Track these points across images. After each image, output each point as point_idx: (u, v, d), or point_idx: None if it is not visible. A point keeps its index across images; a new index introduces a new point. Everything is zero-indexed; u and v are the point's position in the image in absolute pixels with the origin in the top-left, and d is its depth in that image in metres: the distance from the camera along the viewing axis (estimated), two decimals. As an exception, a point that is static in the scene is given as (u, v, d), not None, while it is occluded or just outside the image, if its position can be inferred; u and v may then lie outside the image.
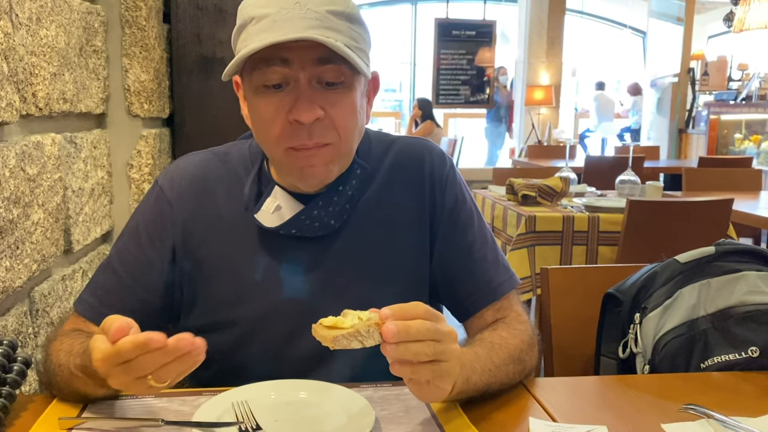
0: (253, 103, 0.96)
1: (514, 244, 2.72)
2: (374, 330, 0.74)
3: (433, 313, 0.78)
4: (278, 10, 0.89)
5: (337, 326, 0.76)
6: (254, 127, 0.99)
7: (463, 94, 8.25)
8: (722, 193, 3.19)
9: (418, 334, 0.74)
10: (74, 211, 1.43)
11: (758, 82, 7.42)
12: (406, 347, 0.74)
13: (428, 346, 0.75)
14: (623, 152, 5.44)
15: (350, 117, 0.96)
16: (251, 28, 0.91)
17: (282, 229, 1.00)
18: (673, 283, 1.15)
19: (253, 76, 0.93)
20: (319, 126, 0.93)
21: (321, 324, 0.77)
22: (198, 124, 1.96)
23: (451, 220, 1.08)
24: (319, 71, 0.92)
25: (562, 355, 1.35)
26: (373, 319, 0.76)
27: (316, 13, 0.89)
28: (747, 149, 6.95)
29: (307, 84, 0.92)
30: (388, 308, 0.76)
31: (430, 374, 0.77)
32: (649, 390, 1.00)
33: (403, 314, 0.75)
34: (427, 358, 0.75)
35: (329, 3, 0.91)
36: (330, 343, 0.75)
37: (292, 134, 0.93)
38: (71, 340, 0.95)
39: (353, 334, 0.74)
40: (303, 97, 0.91)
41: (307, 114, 0.91)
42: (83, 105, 1.50)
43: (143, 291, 1.02)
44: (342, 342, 0.74)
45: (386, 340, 0.73)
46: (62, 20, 1.35)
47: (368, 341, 0.74)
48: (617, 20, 12.61)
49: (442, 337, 0.77)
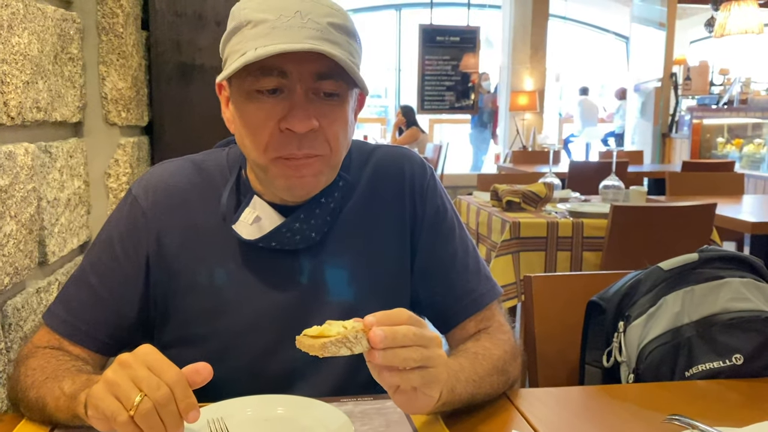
0: (242, 107, 0.92)
1: (499, 250, 2.72)
2: (362, 336, 0.74)
3: (416, 319, 0.77)
4: (278, 17, 0.86)
5: (323, 335, 0.74)
6: (239, 132, 0.95)
7: (448, 100, 8.28)
8: (705, 197, 3.21)
9: (404, 339, 0.74)
10: (49, 222, 1.40)
11: (739, 86, 7.50)
12: (394, 353, 0.73)
13: (416, 352, 0.74)
14: (607, 157, 5.47)
15: (342, 130, 0.94)
16: (247, 31, 0.88)
17: (261, 242, 0.97)
18: (657, 291, 1.14)
19: (246, 81, 0.90)
20: (311, 137, 0.90)
21: (305, 335, 0.76)
22: (178, 132, 1.94)
23: (432, 231, 1.06)
24: (317, 85, 0.90)
25: (547, 363, 1.34)
26: (357, 328, 0.75)
27: (317, 24, 0.87)
28: (729, 153, 7.01)
29: (303, 94, 0.89)
30: (372, 315, 0.75)
31: (418, 380, 0.76)
32: (634, 400, 0.99)
33: (389, 320, 0.75)
34: (414, 363, 0.75)
35: (330, 15, 0.89)
36: (319, 351, 0.73)
37: (282, 143, 0.90)
38: (55, 362, 0.91)
39: (341, 340, 0.73)
40: (298, 107, 0.89)
41: (302, 124, 0.88)
42: (58, 113, 1.47)
43: (119, 304, 0.99)
44: (331, 349, 0.73)
45: (374, 345, 0.73)
46: (35, 27, 1.33)
47: (357, 347, 0.74)
48: (600, 25, 12.73)
49: (428, 342, 0.76)
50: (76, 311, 0.98)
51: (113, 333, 0.98)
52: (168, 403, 0.70)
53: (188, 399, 0.71)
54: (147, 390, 0.70)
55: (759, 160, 6.53)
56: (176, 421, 0.71)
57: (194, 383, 0.73)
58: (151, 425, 0.70)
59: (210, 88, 1.04)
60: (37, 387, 0.87)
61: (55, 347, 0.97)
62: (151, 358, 0.73)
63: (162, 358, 0.73)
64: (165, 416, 0.70)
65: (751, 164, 6.59)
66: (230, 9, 0.96)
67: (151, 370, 0.72)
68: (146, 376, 0.71)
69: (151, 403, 0.70)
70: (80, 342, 0.97)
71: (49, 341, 0.98)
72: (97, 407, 0.72)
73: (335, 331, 0.74)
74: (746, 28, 5.83)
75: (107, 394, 0.72)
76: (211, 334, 0.99)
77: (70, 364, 0.92)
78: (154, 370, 0.72)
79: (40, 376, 0.89)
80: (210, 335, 0.99)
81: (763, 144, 6.58)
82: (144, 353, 0.74)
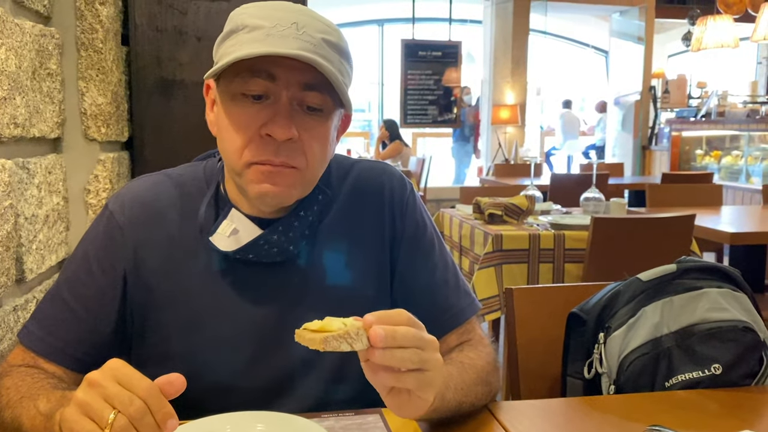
0: (226, 108, 0.92)
1: (482, 262, 2.72)
2: (363, 333, 0.74)
3: (415, 321, 0.77)
4: (274, 25, 0.87)
5: (324, 329, 0.74)
6: (220, 133, 0.95)
7: (430, 114, 8.33)
8: (685, 209, 3.24)
9: (404, 340, 0.74)
10: (27, 239, 1.38)
11: (717, 99, 7.61)
12: (392, 353, 0.73)
13: (414, 353, 0.74)
14: (588, 170, 5.51)
15: (321, 145, 0.94)
16: (242, 35, 0.89)
17: (238, 254, 0.96)
18: (636, 302, 1.15)
19: (234, 82, 0.90)
20: (290, 147, 0.91)
21: (306, 329, 0.76)
22: (158, 147, 1.93)
23: (412, 246, 1.06)
24: (303, 95, 0.91)
25: (529, 375, 1.34)
26: (357, 326, 0.75)
27: (311, 38, 0.88)
28: (708, 165, 7.11)
29: (288, 102, 0.90)
30: (372, 314, 0.75)
31: (413, 383, 0.76)
32: (615, 411, 1.00)
33: (389, 320, 0.75)
34: (412, 365, 0.75)
35: (325, 33, 0.90)
36: (320, 344, 0.73)
37: (260, 148, 0.90)
38: (30, 381, 0.90)
39: (343, 335, 0.73)
40: (281, 114, 0.89)
41: (282, 131, 0.89)
42: (36, 129, 1.46)
43: (95, 321, 0.97)
44: (333, 343, 0.73)
45: (374, 344, 0.73)
46: (13, 43, 1.32)
47: (357, 344, 0.74)
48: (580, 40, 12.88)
49: (426, 345, 0.76)
50: (52, 328, 0.97)
51: (89, 350, 0.97)
52: (143, 416, 0.69)
53: (164, 409, 0.70)
54: (120, 406, 0.69)
55: (737, 171, 6.63)
56: None
57: (168, 395, 0.71)
58: None
59: (191, 103, 1.05)
60: (12, 407, 0.86)
61: (30, 365, 0.95)
62: (120, 372, 0.71)
63: (132, 372, 0.72)
64: (143, 430, 0.69)
65: (730, 175, 6.69)
66: (210, 25, 0.96)
67: (122, 384, 0.70)
68: (117, 392, 0.69)
69: (125, 419, 0.68)
70: (56, 360, 0.96)
71: (24, 359, 0.96)
72: (71, 430, 0.71)
73: (336, 326, 0.74)
74: (722, 42, 5.94)
75: (80, 416, 0.70)
76: (189, 349, 0.98)
77: (45, 381, 0.90)
78: (125, 385, 0.70)
79: (14, 395, 0.87)
80: (188, 351, 0.98)
81: (741, 156, 6.68)
82: (112, 368, 0.72)
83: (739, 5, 5.83)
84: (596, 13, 10.12)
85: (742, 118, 6.75)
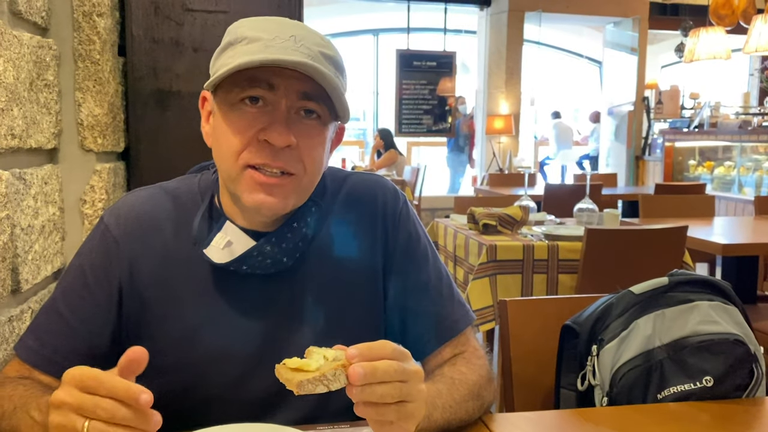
0: (225, 116, 0.93)
1: (476, 273, 2.73)
2: (341, 372, 0.72)
3: (401, 352, 0.76)
4: (273, 38, 0.89)
5: (302, 369, 0.73)
6: (217, 140, 0.95)
7: (425, 123, 8.36)
8: (678, 220, 3.26)
9: (384, 375, 0.73)
10: (23, 250, 1.38)
11: (709, 110, 7.67)
12: (372, 390, 0.72)
13: (395, 388, 0.74)
14: (581, 180, 5.54)
15: (319, 152, 0.96)
16: (241, 47, 0.90)
17: (232, 266, 0.97)
18: (629, 315, 1.16)
19: (232, 92, 0.92)
20: (287, 154, 0.92)
21: (285, 365, 0.75)
22: (154, 158, 1.93)
23: (405, 258, 1.07)
24: (301, 104, 0.92)
25: (523, 387, 1.35)
26: (339, 359, 0.74)
27: (309, 50, 0.89)
28: (701, 175, 7.16)
29: (286, 110, 0.91)
30: (355, 348, 0.74)
31: (394, 416, 0.75)
32: (607, 423, 1.00)
33: (371, 354, 0.74)
34: (393, 399, 0.74)
35: (323, 46, 0.92)
36: (295, 387, 0.72)
37: (257, 151, 0.91)
38: (22, 390, 0.90)
39: (319, 378, 0.72)
40: (279, 121, 0.90)
41: (281, 138, 0.90)
42: (33, 140, 1.46)
43: (90, 334, 0.98)
44: (307, 387, 0.72)
45: (352, 382, 0.72)
46: (11, 54, 1.33)
47: (334, 384, 0.72)
48: (574, 50, 12.94)
49: (408, 377, 0.75)
50: (47, 341, 0.97)
51: (84, 362, 0.96)
52: (115, 410, 0.69)
53: (129, 391, 0.69)
54: (89, 414, 0.69)
55: (729, 182, 6.67)
56: (136, 419, 0.69)
57: (135, 371, 0.72)
58: None
59: (187, 114, 1.05)
60: (8, 417, 0.86)
61: (25, 377, 0.96)
62: (77, 381, 0.71)
63: (89, 374, 0.71)
64: (122, 421, 0.69)
65: (722, 186, 6.74)
66: (207, 36, 0.98)
67: (84, 390, 0.70)
68: (80, 402, 0.69)
69: (99, 423, 0.69)
70: (50, 371, 0.96)
71: (19, 371, 0.97)
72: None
73: (315, 365, 0.73)
74: (714, 54, 5.99)
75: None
76: (184, 362, 0.98)
77: (36, 388, 0.90)
78: (85, 390, 0.70)
79: (8, 406, 0.87)
80: (183, 363, 0.98)
81: (733, 166, 6.73)
82: (68, 381, 0.72)
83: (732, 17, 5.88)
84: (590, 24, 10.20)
85: (735, 129, 6.81)
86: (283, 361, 0.75)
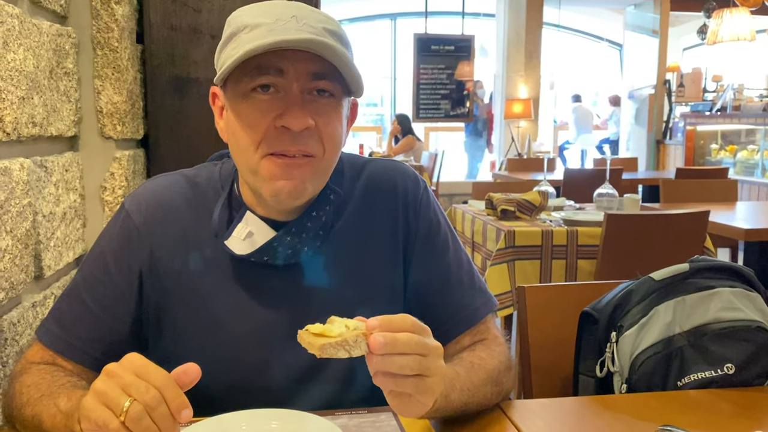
0: (238, 108, 0.92)
1: (494, 259, 2.72)
2: (362, 340, 0.73)
3: (420, 327, 0.77)
4: (275, 21, 0.88)
5: (324, 334, 0.74)
6: (234, 135, 0.94)
7: (443, 108, 8.31)
8: (699, 204, 3.22)
9: (405, 347, 0.74)
10: (45, 236, 1.40)
11: (732, 93, 7.54)
12: (392, 360, 0.73)
13: (414, 360, 0.74)
14: (601, 165, 5.49)
15: (337, 130, 0.95)
16: (244, 36, 0.89)
17: (253, 257, 0.97)
18: (649, 301, 1.15)
19: (242, 82, 0.91)
20: (306, 135, 0.91)
21: (308, 330, 0.76)
22: (173, 145, 1.94)
23: (426, 245, 1.06)
24: (313, 85, 0.91)
25: (541, 373, 1.35)
26: (360, 329, 0.75)
27: (312, 28, 0.88)
28: (723, 159, 7.05)
29: (299, 93, 0.90)
30: (375, 319, 0.75)
31: (413, 388, 0.76)
32: (626, 410, 1.00)
33: (391, 326, 0.75)
34: (412, 372, 0.75)
35: (325, 22, 0.91)
36: (317, 351, 0.73)
37: (276, 139, 0.90)
38: (50, 379, 0.91)
39: (341, 343, 0.73)
40: (295, 104, 0.89)
41: (298, 121, 0.89)
42: (54, 128, 1.48)
43: (112, 320, 0.99)
44: (329, 350, 0.73)
45: (373, 351, 0.73)
46: (31, 43, 1.34)
47: (355, 351, 0.73)
48: (594, 33, 12.78)
49: (428, 351, 0.76)
50: (69, 327, 0.98)
51: (107, 348, 0.98)
52: (158, 405, 0.70)
53: (178, 399, 0.71)
54: (136, 394, 0.70)
55: (753, 166, 6.56)
56: (169, 422, 0.71)
57: (183, 384, 0.73)
58: (144, 429, 0.70)
59: (205, 101, 1.05)
60: (33, 404, 0.87)
61: (48, 363, 0.97)
62: (137, 364, 0.73)
63: (148, 363, 0.73)
64: (157, 418, 0.70)
65: (745, 170, 6.63)
66: (224, 22, 0.97)
67: (138, 375, 0.72)
68: (133, 381, 0.71)
69: (140, 407, 0.70)
70: (74, 358, 0.97)
71: (43, 357, 0.98)
72: (88, 418, 0.72)
73: (337, 331, 0.74)
74: (738, 36, 5.88)
75: (97, 403, 0.72)
76: (204, 349, 0.98)
77: (65, 379, 0.92)
78: (141, 375, 0.72)
79: (35, 393, 0.89)
80: (203, 351, 0.98)
81: (757, 150, 6.62)
82: (130, 361, 0.74)
83: (756, -3, 5.77)
84: (610, 6, 10.05)
85: (759, 112, 6.68)
86: (306, 327, 0.76)
